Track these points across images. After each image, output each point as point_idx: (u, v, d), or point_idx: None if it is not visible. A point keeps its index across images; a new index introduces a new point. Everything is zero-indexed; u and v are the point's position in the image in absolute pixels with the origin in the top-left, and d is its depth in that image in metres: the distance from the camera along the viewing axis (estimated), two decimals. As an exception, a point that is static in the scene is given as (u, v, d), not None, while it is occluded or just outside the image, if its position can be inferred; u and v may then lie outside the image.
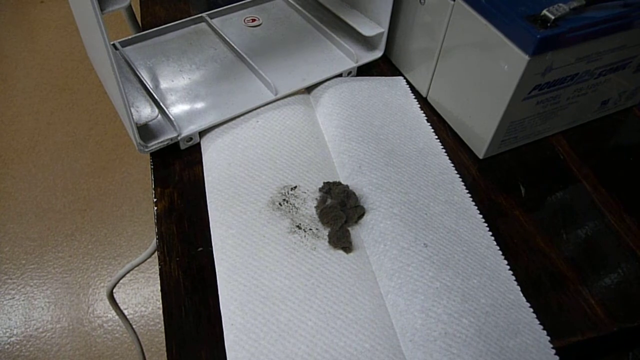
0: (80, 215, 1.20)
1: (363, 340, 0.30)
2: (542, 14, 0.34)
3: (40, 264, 1.12)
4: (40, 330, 1.03)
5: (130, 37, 0.49)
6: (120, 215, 1.20)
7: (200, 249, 0.36)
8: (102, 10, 0.30)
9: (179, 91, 0.45)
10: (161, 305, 0.33)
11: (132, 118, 0.37)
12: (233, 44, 0.48)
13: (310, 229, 0.36)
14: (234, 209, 0.37)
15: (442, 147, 0.43)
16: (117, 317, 1.03)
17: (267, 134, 0.42)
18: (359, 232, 0.36)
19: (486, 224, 0.38)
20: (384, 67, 0.51)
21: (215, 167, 0.39)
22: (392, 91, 0.48)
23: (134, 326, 0.79)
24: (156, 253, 0.36)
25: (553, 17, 0.34)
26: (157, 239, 0.36)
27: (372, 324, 0.31)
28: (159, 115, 0.41)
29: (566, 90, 0.40)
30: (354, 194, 0.37)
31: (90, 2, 0.29)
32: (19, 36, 1.67)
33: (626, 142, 0.46)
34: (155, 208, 0.38)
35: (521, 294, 0.34)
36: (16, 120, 1.40)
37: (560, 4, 0.34)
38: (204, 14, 0.52)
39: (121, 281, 1.03)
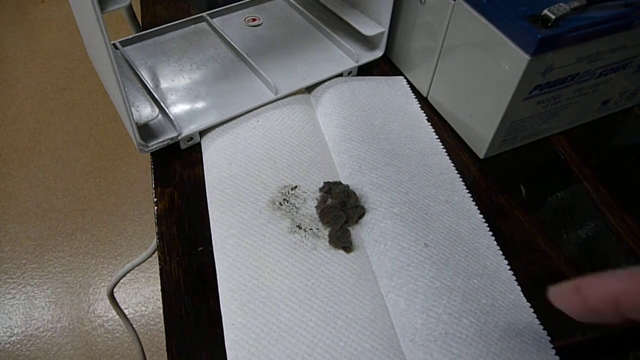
0: (80, 214, 1.20)
1: (363, 340, 0.30)
2: (543, 13, 0.34)
3: (40, 263, 1.12)
4: (41, 329, 1.03)
5: (130, 36, 0.49)
6: (121, 214, 1.20)
7: (200, 248, 0.36)
8: (102, 9, 0.30)
9: (180, 91, 0.45)
10: (161, 305, 0.33)
11: (133, 118, 0.37)
12: (233, 44, 0.48)
13: (311, 229, 0.36)
14: (234, 208, 0.36)
15: (442, 147, 0.43)
16: (117, 316, 1.03)
17: (267, 133, 0.42)
18: (360, 232, 0.36)
19: (487, 224, 0.38)
20: (384, 66, 0.51)
21: (215, 166, 0.39)
22: (393, 91, 0.48)
23: (134, 326, 0.79)
24: (156, 253, 0.36)
25: (554, 17, 0.34)
26: (157, 238, 0.36)
27: (372, 324, 0.31)
28: (160, 115, 0.41)
29: (567, 90, 0.40)
30: (354, 193, 0.37)
31: (90, 1, 0.29)
32: (20, 36, 1.67)
33: (627, 142, 0.46)
34: (156, 208, 0.38)
35: (522, 294, 0.34)
36: (17, 119, 1.40)
37: (561, 4, 0.34)
38: (204, 14, 0.52)
39: (121, 281, 1.03)
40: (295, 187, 0.38)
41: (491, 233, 0.37)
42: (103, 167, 1.29)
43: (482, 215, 0.38)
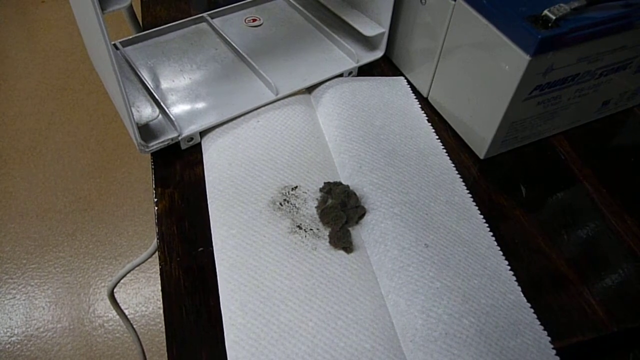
0: (81, 215, 1.20)
1: (363, 341, 0.30)
2: (543, 14, 0.34)
3: (41, 263, 1.12)
4: (41, 329, 1.03)
5: (131, 37, 0.49)
6: (121, 215, 1.20)
7: (200, 249, 0.36)
8: (102, 10, 0.30)
9: (180, 91, 0.45)
10: (162, 305, 0.33)
11: (133, 118, 0.37)
12: (234, 44, 0.48)
13: (311, 229, 0.36)
14: (234, 209, 0.37)
15: (442, 147, 0.43)
16: (117, 316, 1.03)
17: (267, 134, 0.42)
18: (360, 232, 0.36)
19: (487, 225, 0.38)
20: (384, 67, 0.51)
21: (216, 167, 0.39)
22: (393, 91, 0.48)
23: (134, 326, 0.79)
24: (157, 253, 0.36)
25: (554, 18, 0.34)
26: (157, 239, 0.36)
27: (372, 324, 0.31)
28: (160, 115, 0.41)
29: (567, 90, 0.40)
30: (354, 194, 0.37)
31: (91, 2, 0.29)
32: (20, 36, 1.67)
33: (627, 143, 0.46)
34: (156, 208, 0.38)
35: (522, 295, 0.34)
36: (17, 120, 1.40)
37: (561, 4, 0.34)
38: (204, 14, 0.52)
39: (122, 281, 1.03)
40: (296, 187, 0.38)
41: (491, 233, 0.37)
42: (103, 168, 1.29)
43: (482, 216, 0.38)
